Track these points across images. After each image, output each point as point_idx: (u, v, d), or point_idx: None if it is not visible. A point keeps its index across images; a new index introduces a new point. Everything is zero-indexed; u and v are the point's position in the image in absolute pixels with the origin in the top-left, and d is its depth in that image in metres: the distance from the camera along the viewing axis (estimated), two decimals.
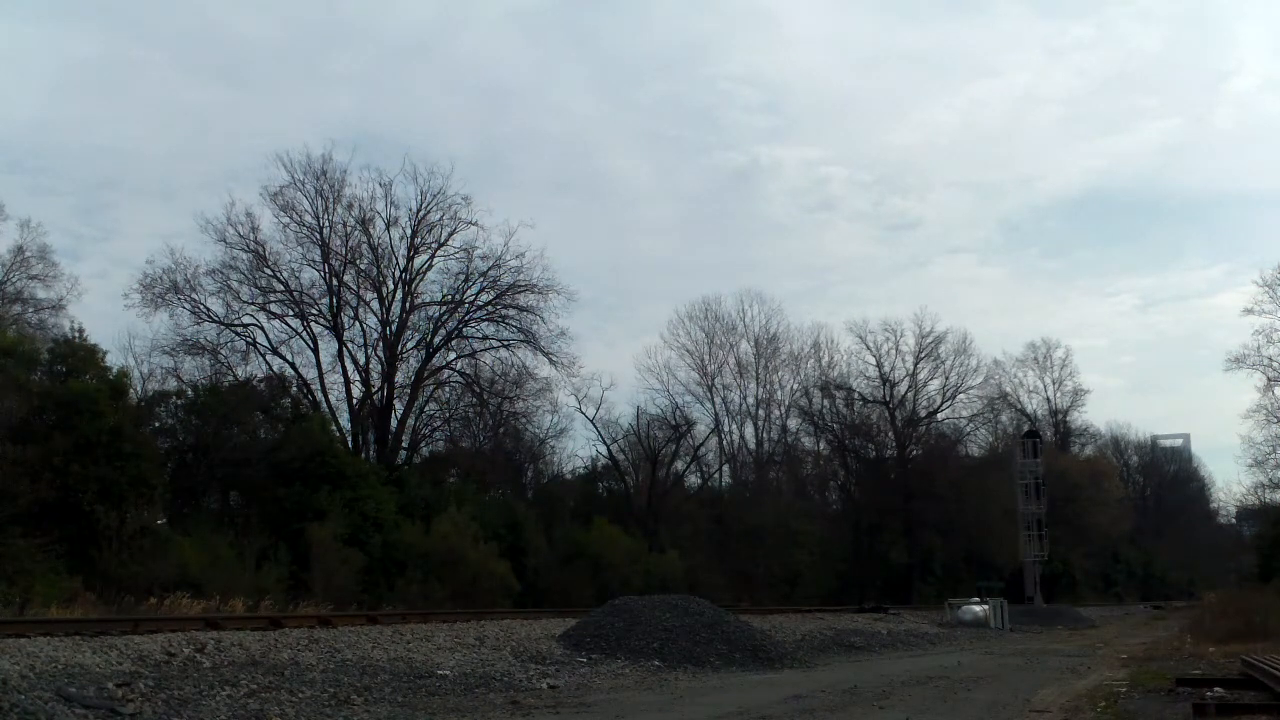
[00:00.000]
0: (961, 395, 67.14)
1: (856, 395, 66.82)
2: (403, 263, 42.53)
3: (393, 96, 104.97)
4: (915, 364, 66.46)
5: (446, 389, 45.02)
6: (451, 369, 44.11)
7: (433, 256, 42.94)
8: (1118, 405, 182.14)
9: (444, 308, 43.18)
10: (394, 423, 41.95)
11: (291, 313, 40.53)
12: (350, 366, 41.55)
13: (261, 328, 39.88)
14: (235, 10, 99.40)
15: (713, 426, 61.18)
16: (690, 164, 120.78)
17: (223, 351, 38.44)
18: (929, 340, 66.09)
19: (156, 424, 32.80)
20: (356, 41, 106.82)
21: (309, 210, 40.35)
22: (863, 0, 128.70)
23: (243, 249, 39.02)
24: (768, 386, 64.68)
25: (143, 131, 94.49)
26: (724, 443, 62.68)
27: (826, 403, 66.60)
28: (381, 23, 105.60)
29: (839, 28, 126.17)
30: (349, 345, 41.43)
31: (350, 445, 39.72)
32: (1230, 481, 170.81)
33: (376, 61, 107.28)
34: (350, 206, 41.25)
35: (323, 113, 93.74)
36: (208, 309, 38.46)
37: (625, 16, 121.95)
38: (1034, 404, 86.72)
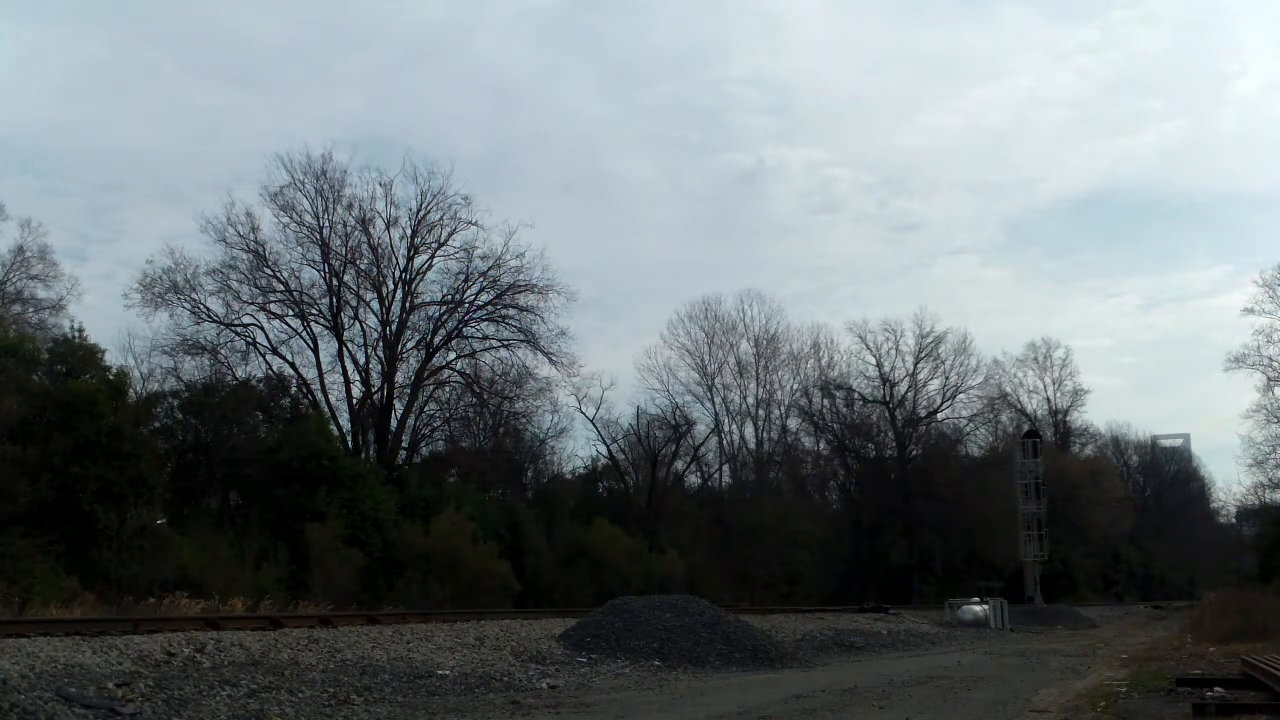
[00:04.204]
0: (961, 395, 67.21)
1: (856, 395, 66.89)
2: (403, 263, 42.60)
3: (401, 98, 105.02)
4: (915, 364, 66.54)
5: (446, 389, 45.08)
6: (451, 369, 44.16)
7: (433, 256, 43.00)
8: (1118, 405, 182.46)
9: (444, 308, 43.24)
10: (394, 423, 41.96)
11: (291, 313, 40.56)
12: (350, 366, 41.61)
13: (261, 328, 39.90)
14: (245, 13, 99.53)
15: (713, 426, 61.29)
16: (696, 165, 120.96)
17: (223, 351, 38.37)
18: (929, 340, 66.20)
19: (156, 424, 32.81)
20: (366, 44, 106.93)
21: (309, 210, 40.39)
22: (868, 3, 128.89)
23: (243, 249, 39.03)
24: (768, 386, 64.73)
25: (151, 133, 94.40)
26: (724, 443, 62.76)
27: (826, 403, 66.68)
28: (391, 25, 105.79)
29: (845, 31, 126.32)
30: (349, 345, 41.48)
31: (350, 445, 39.72)
32: (1230, 481, 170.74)
33: (385, 64, 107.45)
34: (350, 206, 41.28)
35: (331, 115, 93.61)
36: (208, 309, 38.45)
37: (633, 19, 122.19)
38: (1034, 404, 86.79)
